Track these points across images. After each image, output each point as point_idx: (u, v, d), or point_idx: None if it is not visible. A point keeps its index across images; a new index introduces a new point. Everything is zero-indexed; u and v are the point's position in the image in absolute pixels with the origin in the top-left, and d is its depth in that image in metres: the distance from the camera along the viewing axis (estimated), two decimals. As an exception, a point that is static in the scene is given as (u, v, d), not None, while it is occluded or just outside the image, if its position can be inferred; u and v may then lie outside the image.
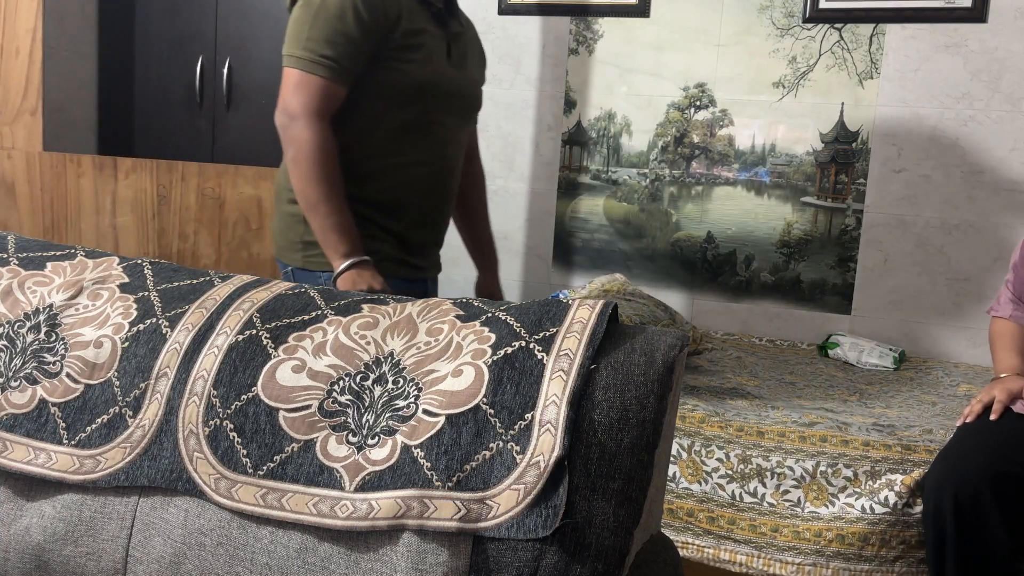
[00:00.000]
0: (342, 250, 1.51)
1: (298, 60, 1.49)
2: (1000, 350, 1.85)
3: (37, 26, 2.77)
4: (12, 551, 1.01)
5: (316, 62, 1.47)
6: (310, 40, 1.48)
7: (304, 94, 1.48)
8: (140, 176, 2.62)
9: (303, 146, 1.48)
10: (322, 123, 1.49)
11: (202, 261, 2.61)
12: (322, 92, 1.48)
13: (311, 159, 1.48)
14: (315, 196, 1.50)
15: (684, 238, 2.89)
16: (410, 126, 1.60)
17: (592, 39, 2.91)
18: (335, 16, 1.46)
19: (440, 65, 1.60)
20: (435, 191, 1.68)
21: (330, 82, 1.48)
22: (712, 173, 2.84)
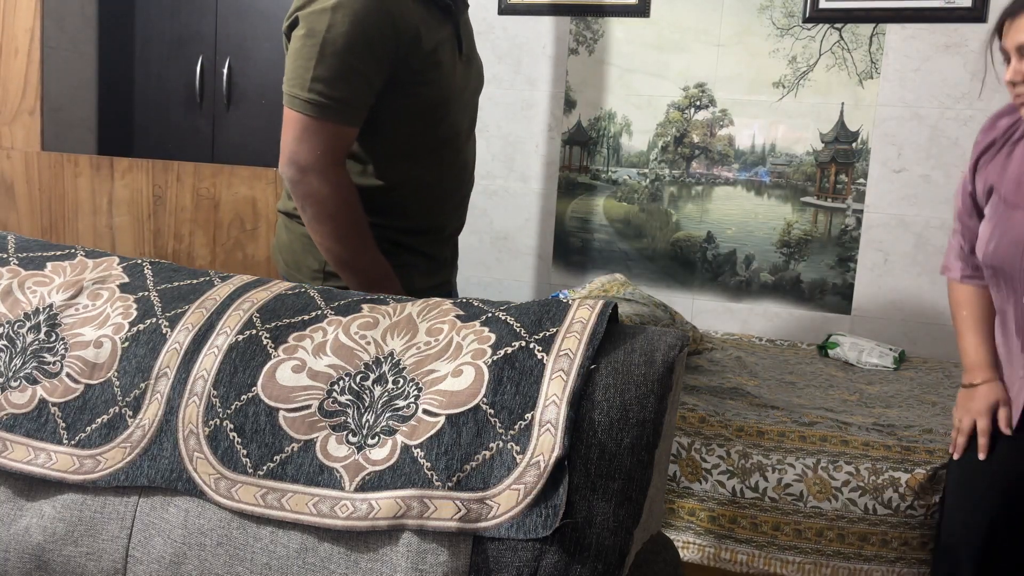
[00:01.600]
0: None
1: (304, 104, 1.29)
2: (964, 333, 1.57)
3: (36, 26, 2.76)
4: (12, 551, 1.01)
5: (325, 106, 1.28)
6: (316, 80, 1.28)
7: (314, 143, 1.29)
8: (136, 176, 2.61)
9: (324, 204, 1.31)
10: (338, 171, 1.32)
11: (197, 262, 2.60)
12: (334, 138, 1.30)
13: (335, 218, 1.32)
14: (346, 254, 1.34)
15: (684, 238, 2.89)
16: (431, 145, 1.45)
17: (592, 39, 2.91)
18: (344, 49, 1.27)
19: (455, 72, 1.45)
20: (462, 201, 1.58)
21: (343, 126, 1.30)
22: (712, 173, 2.84)
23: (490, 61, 2.98)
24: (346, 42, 1.27)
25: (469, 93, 1.54)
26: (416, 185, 1.46)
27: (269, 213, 2.57)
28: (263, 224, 2.58)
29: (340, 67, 1.28)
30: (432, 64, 1.38)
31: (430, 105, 1.41)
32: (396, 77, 1.35)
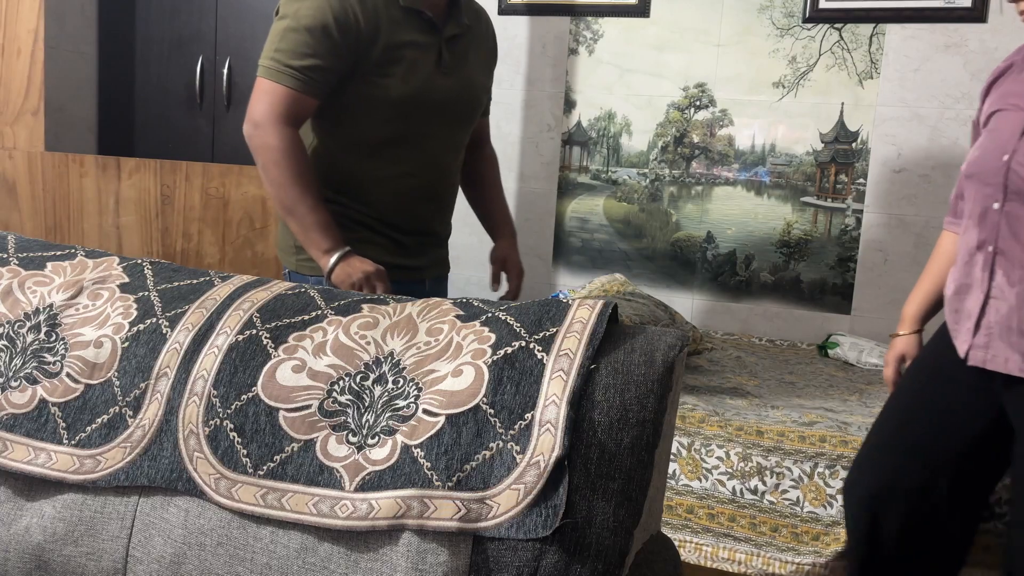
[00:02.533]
0: (325, 246, 1.51)
1: (265, 69, 1.50)
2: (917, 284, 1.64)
3: (39, 26, 2.76)
4: (12, 551, 1.01)
5: (281, 71, 1.48)
6: (278, 52, 1.49)
7: (268, 102, 1.49)
8: (143, 176, 2.62)
9: (270, 153, 1.49)
10: (287, 128, 1.49)
11: (206, 260, 2.61)
12: (287, 100, 1.48)
13: (279, 164, 1.48)
14: (289, 199, 1.50)
15: (684, 238, 2.89)
16: (397, 139, 1.59)
17: (592, 39, 2.91)
18: (305, 30, 1.47)
19: (426, 77, 1.57)
20: (428, 200, 1.67)
21: (296, 92, 1.48)
22: (712, 173, 2.84)
23: (490, 61, 2.98)
24: (308, 24, 1.47)
25: (451, 106, 1.64)
26: (375, 177, 1.60)
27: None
28: (272, 222, 2.58)
29: (299, 44, 1.48)
30: (394, 59, 1.52)
31: (391, 100, 1.54)
32: (358, 68, 1.52)
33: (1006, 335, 1.30)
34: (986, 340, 1.34)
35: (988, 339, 1.34)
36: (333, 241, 1.51)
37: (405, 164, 1.61)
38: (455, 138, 1.70)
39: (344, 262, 1.51)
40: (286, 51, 1.48)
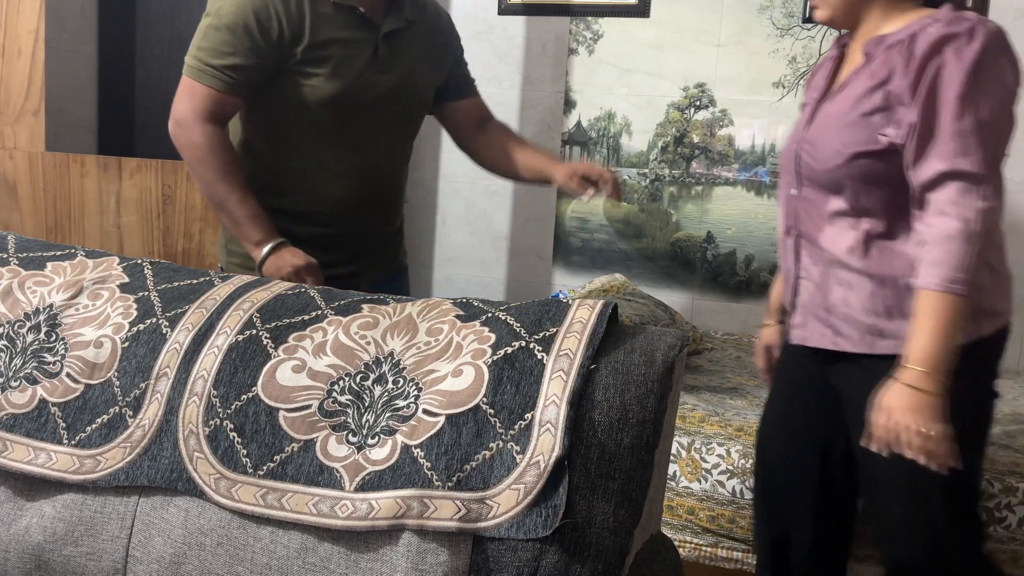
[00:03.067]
0: (256, 238, 1.50)
1: (188, 67, 1.51)
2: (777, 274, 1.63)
3: (39, 26, 2.76)
4: (12, 551, 1.01)
5: (202, 71, 1.48)
6: (200, 49, 1.49)
7: (190, 101, 1.49)
8: (145, 176, 2.61)
9: (195, 151, 1.49)
10: (209, 125, 1.49)
11: (207, 260, 2.60)
12: (208, 100, 1.48)
13: (203, 162, 1.49)
14: (218, 195, 1.50)
15: (684, 238, 2.89)
16: (327, 138, 1.57)
17: (592, 39, 2.91)
18: (226, 29, 1.46)
19: (357, 74, 1.54)
20: (361, 202, 1.63)
21: (217, 92, 1.48)
22: (712, 173, 2.84)
23: (490, 61, 2.98)
24: (228, 23, 1.46)
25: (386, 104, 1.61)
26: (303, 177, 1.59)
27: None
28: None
29: (220, 42, 1.47)
30: (319, 58, 1.51)
31: (318, 99, 1.53)
32: (283, 66, 1.51)
33: (817, 312, 1.37)
34: (802, 319, 1.41)
35: (804, 318, 1.40)
36: (264, 233, 1.50)
37: (336, 164, 1.58)
38: (394, 136, 1.66)
39: (275, 254, 1.50)
40: (207, 49, 1.48)
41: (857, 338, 1.30)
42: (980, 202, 1.15)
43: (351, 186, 1.60)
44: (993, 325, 1.26)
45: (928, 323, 1.16)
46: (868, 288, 1.28)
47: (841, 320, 1.32)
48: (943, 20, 1.19)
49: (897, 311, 1.26)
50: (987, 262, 1.26)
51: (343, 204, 1.60)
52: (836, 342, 1.33)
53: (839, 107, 1.30)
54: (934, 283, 1.15)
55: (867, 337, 1.29)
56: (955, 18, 1.19)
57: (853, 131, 1.25)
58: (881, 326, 1.28)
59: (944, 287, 1.15)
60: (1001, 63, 1.18)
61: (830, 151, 1.28)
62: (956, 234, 1.15)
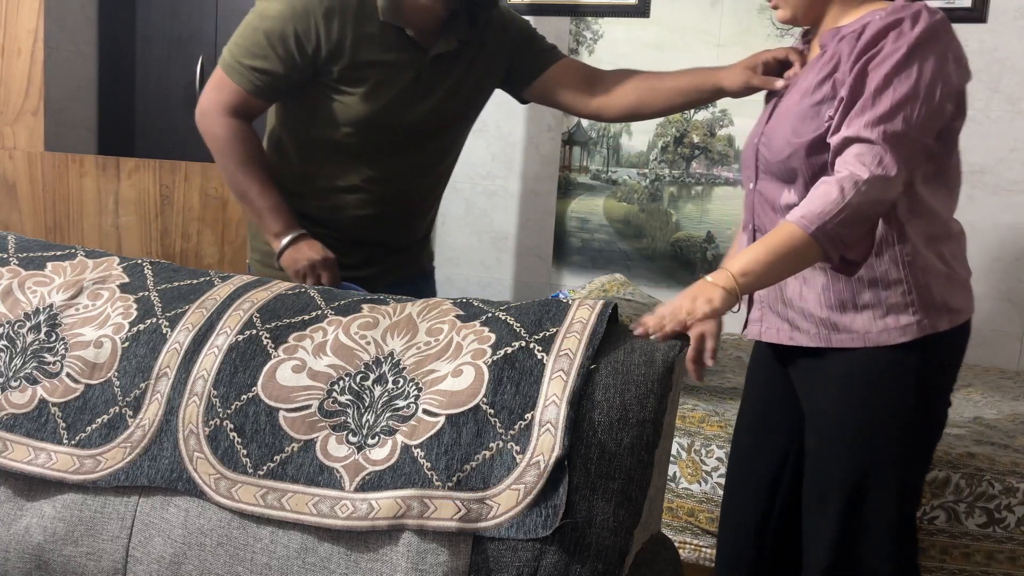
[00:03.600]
0: (275, 229, 1.51)
1: (222, 60, 1.50)
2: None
3: (39, 26, 2.76)
4: (12, 551, 1.01)
5: (234, 68, 1.47)
6: (236, 45, 1.48)
7: (217, 94, 1.49)
8: (143, 176, 2.61)
9: (217, 142, 1.50)
10: (234, 118, 1.49)
11: (205, 261, 2.60)
12: (234, 97, 1.48)
13: (224, 152, 1.50)
14: (240, 185, 1.51)
15: (684, 238, 2.89)
16: (353, 153, 1.55)
17: (592, 39, 2.91)
18: (264, 34, 1.45)
19: (393, 97, 1.51)
20: (380, 216, 1.61)
21: (245, 92, 1.48)
22: (712, 173, 2.84)
23: (490, 61, 2.98)
24: (267, 28, 1.45)
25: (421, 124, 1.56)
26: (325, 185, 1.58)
27: (248, 209, 2.57)
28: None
29: (255, 43, 1.46)
30: (357, 78, 1.48)
31: (350, 117, 1.51)
32: (317, 80, 1.50)
33: (775, 306, 1.36)
34: (760, 314, 1.41)
35: (761, 312, 1.40)
36: (284, 224, 1.51)
37: (359, 178, 1.57)
38: (427, 153, 1.62)
39: (293, 246, 1.50)
40: (243, 47, 1.47)
41: (813, 332, 1.30)
42: (875, 167, 1.12)
43: (372, 200, 1.59)
44: (949, 322, 1.25)
45: (764, 242, 1.14)
46: (821, 281, 1.27)
47: (797, 314, 1.32)
48: (891, 8, 1.20)
49: (851, 304, 1.26)
50: (940, 255, 1.25)
51: (362, 216, 1.59)
52: (793, 337, 1.33)
53: (792, 99, 1.31)
54: (791, 217, 1.14)
55: (822, 331, 1.29)
56: (902, 7, 1.19)
57: (803, 121, 1.26)
58: (835, 319, 1.27)
59: (796, 220, 1.13)
60: (939, 50, 1.17)
61: (783, 142, 1.29)
62: (835, 185, 1.13)
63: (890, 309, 1.24)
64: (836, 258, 1.16)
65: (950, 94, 1.19)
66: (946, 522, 1.67)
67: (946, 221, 1.28)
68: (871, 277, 1.25)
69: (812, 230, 1.11)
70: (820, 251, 1.13)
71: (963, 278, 1.29)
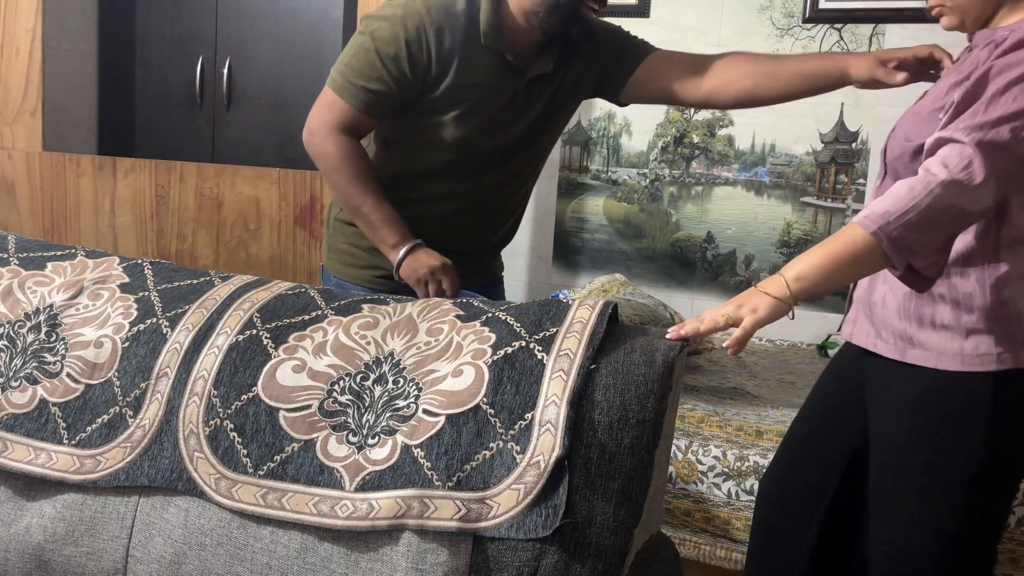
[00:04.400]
0: (392, 241, 1.52)
1: (332, 80, 1.52)
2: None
3: (37, 26, 2.76)
4: (12, 551, 1.01)
5: (345, 87, 1.50)
6: (348, 67, 1.50)
7: (328, 113, 1.52)
8: (139, 176, 2.61)
9: (329, 160, 1.52)
10: (343, 135, 1.52)
11: (200, 261, 2.60)
12: (345, 116, 1.51)
13: (337, 169, 1.52)
14: (353, 201, 1.53)
15: (684, 238, 2.89)
16: (447, 170, 1.58)
17: (592, 39, 2.91)
18: (376, 53, 1.47)
19: (488, 119, 1.54)
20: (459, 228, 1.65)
21: (355, 110, 1.50)
22: (712, 173, 2.84)
23: (490, 61, 2.98)
24: (380, 48, 1.47)
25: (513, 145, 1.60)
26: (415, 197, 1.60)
27: (272, 213, 2.57)
28: (266, 224, 2.58)
29: (368, 64, 1.48)
30: (457, 99, 1.51)
31: (447, 136, 1.54)
32: (421, 98, 1.52)
33: (866, 308, 1.31)
34: (855, 314, 1.35)
35: (856, 313, 1.34)
36: (400, 236, 1.52)
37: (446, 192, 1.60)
38: (514, 170, 1.66)
39: (411, 256, 1.51)
40: (355, 68, 1.49)
41: (891, 343, 1.23)
42: (957, 171, 1.03)
43: (454, 212, 1.62)
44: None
45: (824, 244, 1.07)
46: (904, 290, 1.20)
47: (879, 320, 1.26)
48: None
49: (929, 320, 1.19)
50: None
51: (442, 228, 1.62)
52: (876, 344, 1.27)
53: (926, 100, 1.24)
54: (856, 217, 1.07)
55: (899, 343, 1.22)
56: None
57: (922, 124, 1.18)
58: (912, 333, 1.20)
59: (859, 219, 1.06)
60: None
61: (896, 143, 1.23)
62: (906, 184, 1.06)
63: (970, 334, 1.16)
64: (901, 265, 1.08)
65: None
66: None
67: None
68: (953, 296, 1.17)
69: (874, 229, 1.04)
70: (882, 255, 1.05)
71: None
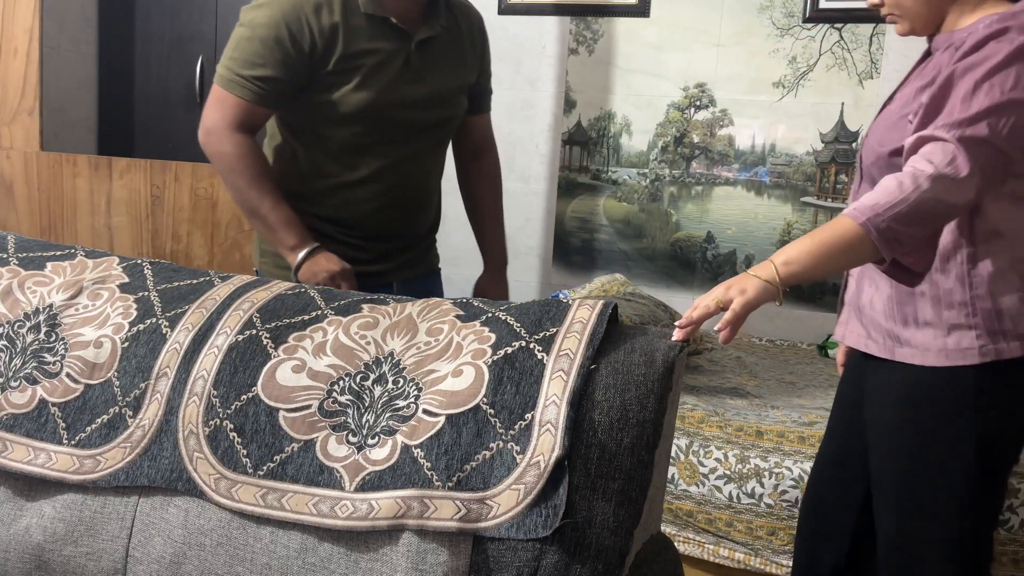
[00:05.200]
0: (290, 243, 1.52)
1: (220, 77, 1.51)
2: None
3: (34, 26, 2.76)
4: (12, 551, 1.01)
5: (233, 81, 1.48)
6: (231, 60, 1.49)
7: (220, 110, 1.50)
8: (134, 176, 2.61)
9: (225, 159, 1.50)
10: (239, 134, 1.50)
11: (195, 262, 2.60)
12: (238, 110, 1.49)
13: (234, 170, 1.50)
14: (250, 202, 1.52)
15: (684, 238, 2.89)
16: (359, 145, 1.58)
17: (592, 39, 2.91)
18: (258, 41, 1.47)
19: (387, 84, 1.54)
20: (393, 206, 1.65)
21: (247, 102, 1.49)
22: (712, 173, 2.84)
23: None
24: (261, 35, 1.47)
25: (415, 114, 1.61)
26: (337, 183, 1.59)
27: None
28: (257, 229, 2.58)
29: (252, 53, 1.47)
30: (350, 68, 1.51)
31: (350, 108, 1.53)
32: (314, 77, 1.51)
33: (856, 310, 1.34)
34: (846, 317, 1.38)
35: (847, 315, 1.38)
36: (299, 238, 1.52)
37: (368, 169, 1.59)
38: (426, 143, 1.67)
39: (310, 260, 1.51)
40: (239, 60, 1.48)
41: (881, 342, 1.27)
42: (943, 166, 1.05)
43: (381, 192, 1.62)
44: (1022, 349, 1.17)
45: (814, 233, 1.09)
46: (887, 291, 1.24)
47: (868, 321, 1.30)
48: (1002, 16, 1.12)
49: (912, 319, 1.22)
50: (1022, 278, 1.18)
51: (374, 210, 1.62)
52: (867, 344, 1.30)
53: (894, 105, 1.27)
54: (846, 210, 1.09)
55: (888, 342, 1.26)
56: (1013, 14, 1.12)
57: (892, 129, 1.22)
58: (898, 332, 1.24)
59: (848, 211, 1.08)
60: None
61: (872, 148, 1.26)
62: (894, 179, 1.07)
63: (952, 329, 1.19)
64: (888, 257, 1.10)
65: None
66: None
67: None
68: (934, 294, 1.20)
69: (863, 220, 1.06)
70: (871, 246, 1.07)
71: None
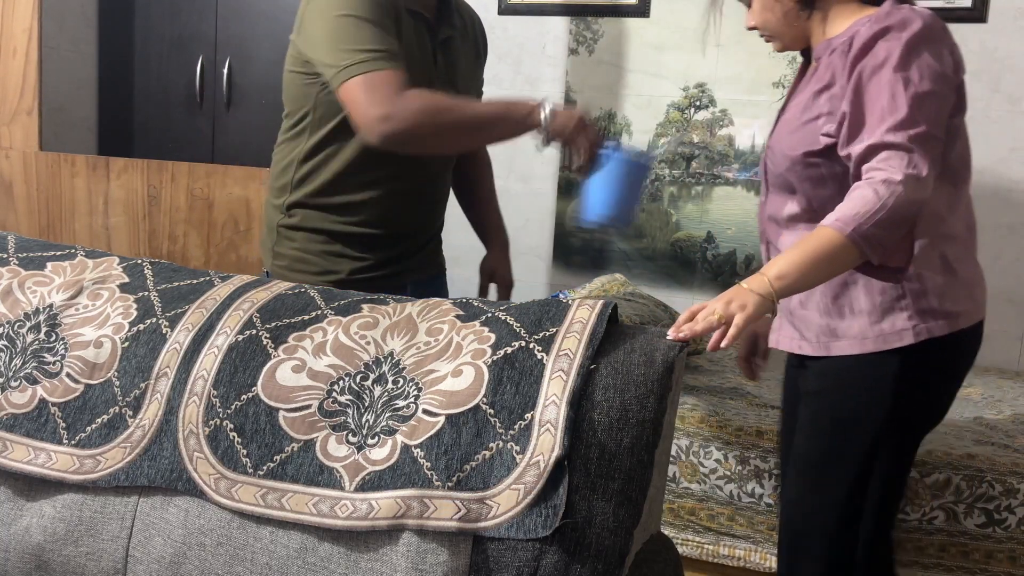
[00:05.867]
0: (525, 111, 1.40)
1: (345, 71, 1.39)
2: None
3: (33, 25, 2.76)
4: (12, 551, 1.01)
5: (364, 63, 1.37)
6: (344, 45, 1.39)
7: (374, 92, 1.37)
8: (131, 176, 2.61)
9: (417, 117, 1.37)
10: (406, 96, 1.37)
11: (192, 263, 2.60)
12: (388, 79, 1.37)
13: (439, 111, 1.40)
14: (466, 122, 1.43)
15: (684, 238, 2.89)
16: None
17: (592, 39, 2.91)
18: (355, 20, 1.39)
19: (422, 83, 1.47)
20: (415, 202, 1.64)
21: (390, 70, 1.38)
22: (712, 173, 2.84)
23: (490, 61, 2.97)
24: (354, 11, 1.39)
25: None
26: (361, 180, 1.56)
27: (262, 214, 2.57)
28: (256, 225, 2.58)
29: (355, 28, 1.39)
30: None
31: None
32: None
33: (787, 314, 1.37)
34: (778, 323, 1.42)
35: (779, 321, 1.41)
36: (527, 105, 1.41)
37: (392, 167, 1.57)
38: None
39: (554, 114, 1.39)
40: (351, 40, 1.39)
41: (815, 342, 1.31)
42: (907, 168, 1.12)
43: (404, 188, 1.60)
44: (949, 326, 1.23)
45: (800, 247, 1.13)
46: (819, 288, 1.27)
47: (801, 322, 1.33)
48: (877, 17, 1.21)
49: (848, 309, 1.26)
50: (941, 257, 1.24)
51: (395, 205, 1.61)
52: (800, 346, 1.34)
53: (791, 113, 1.33)
54: (826, 222, 1.13)
55: (822, 339, 1.29)
56: (889, 12, 1.21)
57: (800, 135, 1.27)
58: (835, 326, 1.28)
59: (831, 223, 1.12)
60: (935, 48, 1.20)
61: (780, 155, 1.30)
62: (868, 188, 1.12)
63: (885, 313, 1.24)
64: (876, 262, 1.16)
65: (952, 88, 1.21)
66: (944, 522, 1.67)
67: (948, 220, 1.26)
68: (866, 281, 1.25)
69: (849, 232, 1.11)
70: (857, 254, 1.13)
71: (966, 280, 1.28)
